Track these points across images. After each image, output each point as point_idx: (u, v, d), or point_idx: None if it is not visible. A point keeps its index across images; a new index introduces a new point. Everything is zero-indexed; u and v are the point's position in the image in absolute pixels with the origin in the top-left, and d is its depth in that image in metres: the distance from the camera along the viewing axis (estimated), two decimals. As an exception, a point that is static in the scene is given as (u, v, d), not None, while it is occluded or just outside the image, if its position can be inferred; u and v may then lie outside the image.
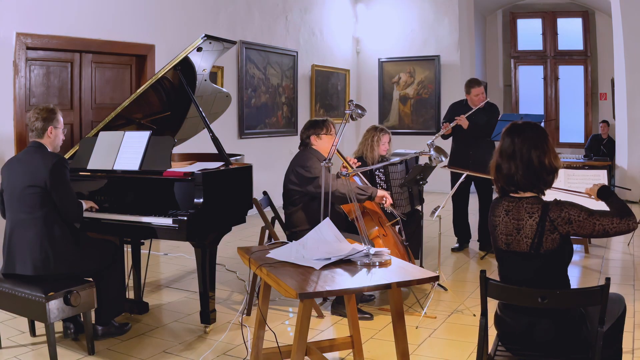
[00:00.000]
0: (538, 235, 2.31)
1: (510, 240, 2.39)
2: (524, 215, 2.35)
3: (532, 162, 2.37)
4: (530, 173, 2.37)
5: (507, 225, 2.40)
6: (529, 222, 2.33)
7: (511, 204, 2.41)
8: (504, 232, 2.41)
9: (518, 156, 2.38)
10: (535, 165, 2.37)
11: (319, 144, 4.22)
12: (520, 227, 2.36)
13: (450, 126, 5.60)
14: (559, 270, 2.38)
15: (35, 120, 3.40)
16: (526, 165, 2.37)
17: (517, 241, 2.37)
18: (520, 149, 2.39)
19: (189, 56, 3.99)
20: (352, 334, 3.08)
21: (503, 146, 2.45)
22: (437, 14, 10.43)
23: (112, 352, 3.46)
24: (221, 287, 4.71)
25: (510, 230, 2.39)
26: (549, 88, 11.62)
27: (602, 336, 2.16)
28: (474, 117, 5.61)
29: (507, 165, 2.40)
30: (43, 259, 3.26)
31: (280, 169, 4.95)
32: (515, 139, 2.41)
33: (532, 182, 2.38)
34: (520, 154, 2.38)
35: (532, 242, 2.32)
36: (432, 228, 6.38)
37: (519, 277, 2.40)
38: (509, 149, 2.41)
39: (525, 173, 2.37)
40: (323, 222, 2.97)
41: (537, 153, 2.37)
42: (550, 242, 2.30)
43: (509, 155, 2.41)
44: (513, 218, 2.38)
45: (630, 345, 3.43)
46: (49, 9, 5.52)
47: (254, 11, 8.31)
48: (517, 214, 2.37)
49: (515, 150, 2.39)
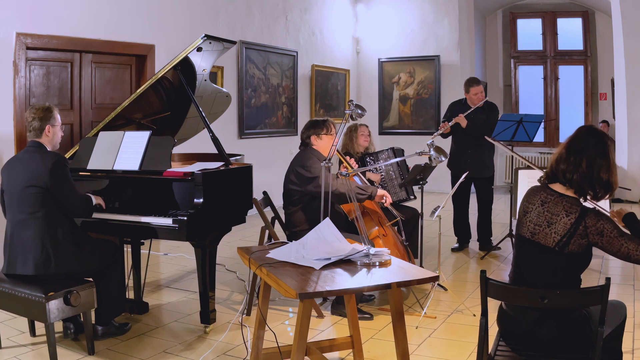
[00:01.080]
0: (568, 236, 2.33)
1: (538, 231, 2.41)
2: (561, 212, 2.37)
3: (593, 169, 2.38)
4: (586, 177, 2.38)
5: (539, 215, 2.42)
6: (564, 219, 2.35)
7: (550, 197, 2.43)
8: (534, 221, 2.43)
9: (585, 156, 2.39)
10: (594, 173, 2.38)
11: (320, 144, 4.22)
12: (553, 221, 2.38)
13: (449, 125, 5.60)
14: (575, 271, 2.41)
15: (32, 120, 3.40)
16: (586, 169, 2.38)
17: (545, 234, 2.39)
18: (590, 150, 2.39)
19: (189, 56, 3.99)
20: (352, 334, 3.08)
21: (576, 140, 2.45)
22: (437, 14, 10.43)
23: (112, 352, 3.46)
24: (221, 287, 4.71)
25: (542, 221, 2.41)
26: (549, 88, 11.62)
27: (602, 336, 2.16)
28: (473, 116, 5.62)
29: (569, 158, 2.41)
30: (44, 259, 3.26)
31: (280, 169, 4.96)
32: (591, 139, 2.42)
33: (583, 186, 2.39)
34: (588, 155, 2.39)
35: (560, 240, 2.34)
36: (432, 228, 6.39)
37: (533, 269, 2.42)
38: (579, 145, 2.42)
39: (582, 174, 2.38)
40: (323, 222, 2.97)
41: (602, 163, 2.38)
42: (577, 246, 2.33)
43: (576, 151, 2.41)
44: (548, 211, 2.40)
45: (630, 345, 3.43)
46: (49, 9, 5.52)
47: (254, 11, 8.31)
48: (554, 208, 2.39)
49: (584, 149, 2.40)
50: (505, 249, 5.90)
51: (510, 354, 2.42)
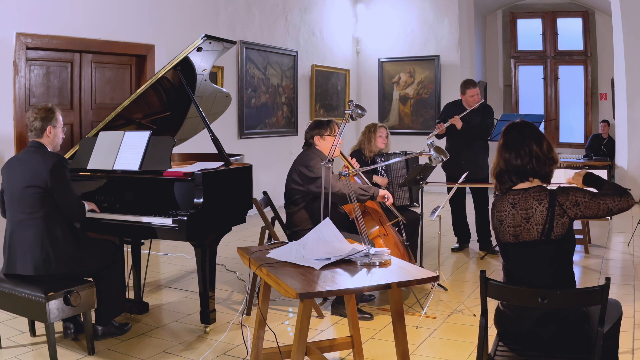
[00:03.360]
0: (549, 221, 2.37)
1: (519, 231, 2.43)
2: (533, 203, 2.41)
3: (543, 149, 2.48)
4: (540, 158, 2.47)
5: (514, 217, 2.44)
6: (538, 208, 2.39)
7: (517, 197, 2.46)
8: (511, 224, 2.45)
9: (527, 146, 2.47)
10: (545, 152, 2.47)
11: (323, 145, 4.24)
12: (529, 215, 2.41)
13: (444, 126, 5.60)
14: (567, 258, 2.44)
15: (34, 120, 3.40)
16: (539, 152, 2.47)
17: (527, 230, 2.41)
18: (529, 139, 2.48)
19: (189, 56, 3.99)
20: (352, 334, 3.08)
21: (508, 139, 2.53)
22: (437, 14, 10.43)
23: (112, 352, 3.46)
24: (221, 287, 4.71)
25: (519, 221, 2.43)
26: (549, 88, 11.62)
27: (602, 336, 2.16)
28: (468, 118, 5.62)
29: (516, 155, 2.48)
30: (44, 259, 3.26)
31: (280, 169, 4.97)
32: (521, 131, 2.52)
33: (543, 169, 2.47)
34: (529, 144, 2.47)
35: (543, 229, 2.38)
36: (432, 228, 6.39)
37: (526, 269, 2.43)
38: (516, 140, 2.50)
39: (537, 157, 2.46)
40: (323, 222, 2.97)
41: (542, 145, 2.49)
42: (561, 227, 2.37)
43: (517, 146, 2.48)
44: (521, 209, 2.43)
45: (630, 345, 3.43)
46: (49, 9, 5.52)
47: (254, 11, 8.31)
48: (525, 203, 2.43)
49: (525, 140, 2.48)
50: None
51: (509, 354, 2.42)
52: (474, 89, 5.70)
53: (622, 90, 9.05)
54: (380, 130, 5.05)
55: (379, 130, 5.04)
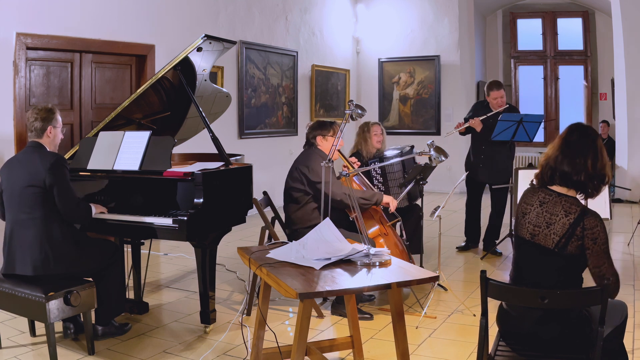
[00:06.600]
0: (567, 236, 2.31)
1: (538, 232, 2.39)
2: (560, 212, 2.34)
3: (597, 167, 2.36)
4: (591, 177, 2.36)
5: (538, 216, 2.40)
6: (562, 219, 2.33)
7: (548, 197, 2.41)
8: (533, 222, 2.41)
9: (583, 157, 2.36)
10: (598, 171, 2.36)
11: (324, 145, 4.25)
12: (552, 222, 2.35)
13: (463, 126, 5.60)
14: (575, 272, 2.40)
15: (34, 120, 3.40)
16: (592, 170, 2.35)
17: (545, 235, 2.37)
18: (588, 150, 2.37)
19: (189, 56, 3.99)
20: (352, 334, 3.08)
21: (571, 141, 2.41)
22: (437, 14, 10.43)
23: (112, 352, 3.46)
24: (221, 287, 4.71)
25: (540, 222, 2.39)
26: (549, 88, 11.62)
27: (602, 336, 2.16)
28: (492, 120, 5.54)
29: (570, 162, 2.37)
30: (43, 259, 3.26)
31: (280, 169, 4.96)
32: (586, 138, 2.39)
33: (586, 185, 2.37)
34: (586, 155, 2.36)
35: (559, 241, 2.32)
36: (432, 228, 6.38)
37: (534, 269, 2.42)
38: (576, 146, 2.38)
39: (588, 175, 2.35)
40: (323, 222, 2.97)
41: (603, 160, 2.37)
42: (574, 248, 2.32)
43: (574, 155, 2.37)
44: (547, 211, 2.38)
45: (630, 346, 3.43)
46: (49, 9, 5.52)
47: (254, 11, 8.31)
48: (553, 208, 2.37)
49: (584, 150, 2.37)
50: (506, 249, 5.89)
51: (510, 354, 2.42)
52: (498, 91, 5.62)
53: (622, 90, 9.05)
54: (374, 128, 5.00)
55: (373, 128, 5.00)
